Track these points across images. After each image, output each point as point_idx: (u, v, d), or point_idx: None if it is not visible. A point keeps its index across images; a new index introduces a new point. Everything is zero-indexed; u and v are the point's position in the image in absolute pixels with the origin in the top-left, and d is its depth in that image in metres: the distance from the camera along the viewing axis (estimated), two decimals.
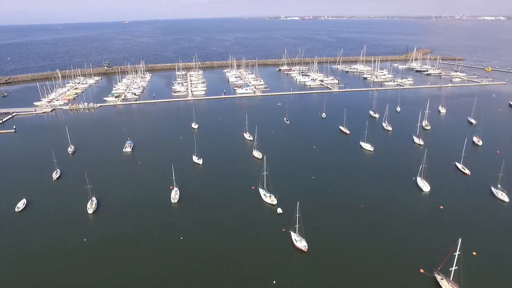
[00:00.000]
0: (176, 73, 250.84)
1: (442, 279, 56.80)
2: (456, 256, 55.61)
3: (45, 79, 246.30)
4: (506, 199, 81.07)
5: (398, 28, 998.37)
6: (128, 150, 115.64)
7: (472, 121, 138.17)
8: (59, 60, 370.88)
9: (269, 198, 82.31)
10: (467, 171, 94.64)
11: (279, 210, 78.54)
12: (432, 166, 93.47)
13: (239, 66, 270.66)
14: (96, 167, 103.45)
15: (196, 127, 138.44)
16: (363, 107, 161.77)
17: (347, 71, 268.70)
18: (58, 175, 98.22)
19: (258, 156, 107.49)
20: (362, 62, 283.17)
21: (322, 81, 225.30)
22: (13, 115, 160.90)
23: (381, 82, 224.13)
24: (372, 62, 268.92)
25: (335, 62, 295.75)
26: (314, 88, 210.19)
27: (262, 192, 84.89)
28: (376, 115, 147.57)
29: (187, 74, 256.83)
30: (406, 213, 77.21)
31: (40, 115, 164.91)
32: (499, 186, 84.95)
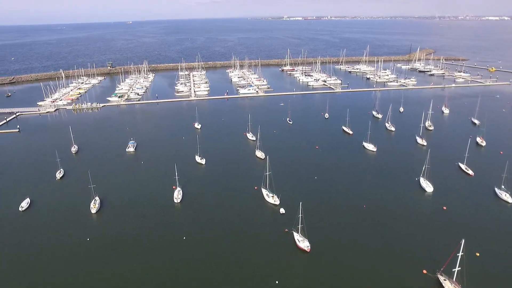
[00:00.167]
0: (179, 73, 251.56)
1: (445, 280, 56.70)
2: (459, 257, 55.45)
3: (48, 79, 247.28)
4: (510, 200, 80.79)
5: (401, 28, 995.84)
6: (131, 150, 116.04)
7: (476, 121, 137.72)
8: (62, 60, 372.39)
9: (271, 198, 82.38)
10: (470, 172, 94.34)
11: (281, 210, 78.60)
12: (435, 167, 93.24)
13: (242, 66, 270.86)
14: (99, 166, 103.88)
15: (199, 127, 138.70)
16: (366, 108, 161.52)
17: (350, 71, 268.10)
18: (61, 175, 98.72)
19: (261, 156, 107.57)
20: (365, 62, 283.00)
21: (325, 81, 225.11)
22: (17, 115, 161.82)
23: (384, 82, 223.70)
24: (375, 62, 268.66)
25: (338, 62, 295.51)
26: (317, 89, 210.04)
27: (265, 192, 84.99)
28: (379, 116, 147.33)
29: (190, 74, 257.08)
30: (409, 213, 77.06)
31: (44, 115, 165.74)
32: (503, 187, 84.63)
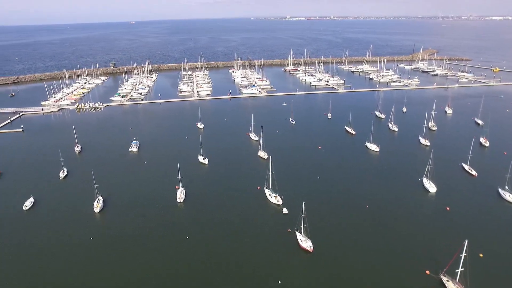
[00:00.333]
0: (182, 73, 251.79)
1: (448, 280, 56.57)
2: (462, 257, 55.34)
3: (52, 79, 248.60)
4: None
5: (404, 28, 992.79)
6: (134, 149, 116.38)
7: (479, 122, 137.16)
8: (66, 60, 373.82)
9: (274, 198, 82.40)
10: (474, 172, 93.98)
11: (284, 210, 78.63)
12: (439, 167, 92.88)
13: (244, 66, 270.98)
14: (102, 166, 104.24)
15: (201, 127, 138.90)
16: (369, 108, 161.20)
17: (353, 72, 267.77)
18: (65, 174, 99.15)
19: (263, 156, 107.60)
20: (368, 62, 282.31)
21: (327, 81, 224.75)
22: (20, 114, 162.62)
23: (387, 82, 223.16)
24: (378, 62, 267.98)
25: (341, 63, 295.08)
26: (320, 89, 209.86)
27: (267, 192, 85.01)
28: (382, 116, 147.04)
29: (193, 74, 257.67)
30: (412, 214, 76.88)
31: (47, 114, 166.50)
32: (507, 187, 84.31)
